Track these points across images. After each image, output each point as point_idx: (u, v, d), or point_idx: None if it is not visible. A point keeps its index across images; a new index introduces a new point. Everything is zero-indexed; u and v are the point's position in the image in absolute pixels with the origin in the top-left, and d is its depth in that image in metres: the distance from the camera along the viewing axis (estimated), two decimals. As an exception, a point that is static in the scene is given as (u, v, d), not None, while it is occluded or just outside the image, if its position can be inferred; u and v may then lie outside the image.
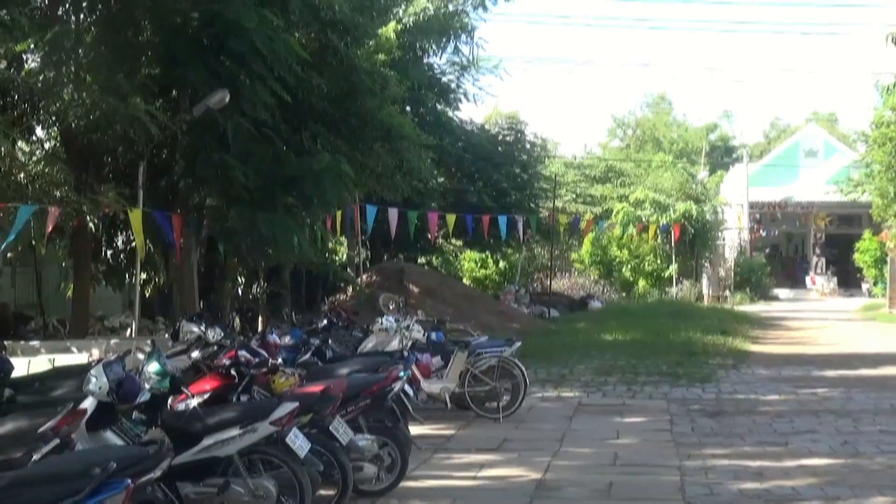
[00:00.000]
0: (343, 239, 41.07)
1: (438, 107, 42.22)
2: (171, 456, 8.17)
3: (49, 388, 12.87)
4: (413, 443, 14.01)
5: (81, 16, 24.17)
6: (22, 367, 14.35)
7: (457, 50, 41.23)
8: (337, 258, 43.09)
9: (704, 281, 55.95)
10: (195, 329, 16.89)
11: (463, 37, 40.63)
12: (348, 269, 39.42)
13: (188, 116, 22.97)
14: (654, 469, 14.66)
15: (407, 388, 14.47)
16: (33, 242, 25.70)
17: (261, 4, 23.25)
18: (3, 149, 18.62)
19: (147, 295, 28.16)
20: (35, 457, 8.43)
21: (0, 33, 20.13)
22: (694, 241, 54.12)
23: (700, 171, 59.96)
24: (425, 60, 41.00)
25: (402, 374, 13.77)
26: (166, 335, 19.62)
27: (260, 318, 29.40)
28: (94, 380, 10.53)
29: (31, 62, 23.64)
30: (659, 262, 55.22)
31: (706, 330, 33.44)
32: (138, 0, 23.47)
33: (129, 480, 7.33)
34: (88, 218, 20.73)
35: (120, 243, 26.29)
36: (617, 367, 25.80)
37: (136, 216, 22.10)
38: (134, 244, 24.25)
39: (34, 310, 30.14)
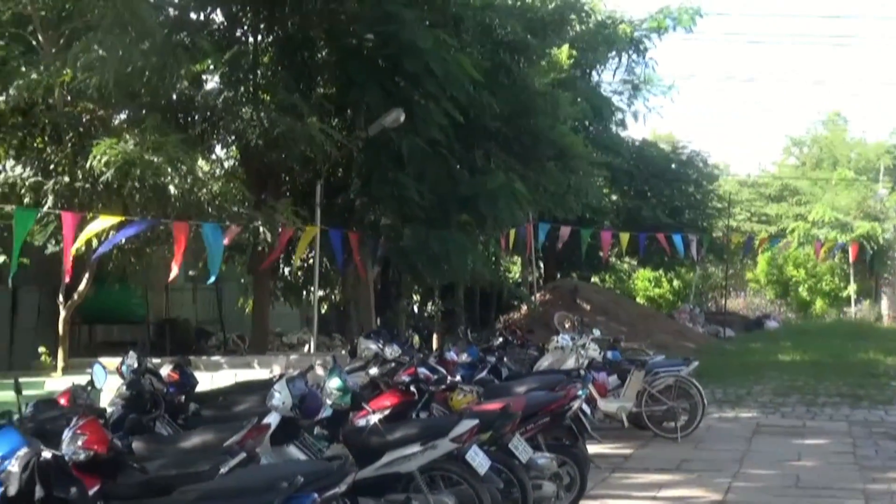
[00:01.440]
0: (516, 257, 41.14)
1: (610, 126, 42.13)
2: (355, 471, 8.22)
3: (232, 402, 13.09)
4: (591, 461, 13.87)
5: (259, 37, 24.69)
6: (205, 381, 14.62)
7: (628, 69, 41.21)
8: (510, 276, 43.16)
9: (884, 301, 54.48)
10: (373, 346, 17.05)
11: (634, 56, 40.57)
12: (521, 287, 39.43)
13: (364, 135, 23.27)
14: (838, 492, 14.25)
15: (584, 406, 14.35)
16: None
17: (434, 26, 23.49)
18: (184, 167, 19.05)
19: (324, 312, 28.51)
20: (222, 470, 8.54)
21: (181, 54, 20.65)
22: (873, 260, 52.78)
23: (880, 189, 58.47)
24: (595, 79, 40.99)
25: (580, 392, 13.65)
26: (343, 352, 19.83)
27: (434, 336, 29.55)
28: (277, 395, 10.67)
29: (210, 82, 24.24)
30: (836, 281, 54.03)
31: (887, 351, 32.52)
32: (314, 21, 23.92)
33: (316, 495, 7.37)
34: (266, 236, 21.09)
35: (298, 261, 26.69)
36: (795, 387, 25.29)
37: (310, 233, 22.47)
38: (311, 261, 24.63)
39: (215, 326, 30.82)
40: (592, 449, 15.43)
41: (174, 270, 19.38)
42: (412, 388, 12.36)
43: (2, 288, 24.35)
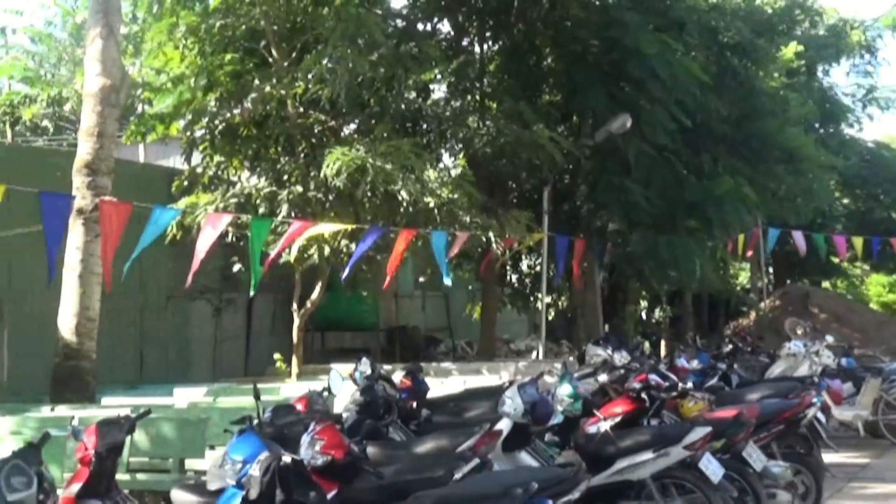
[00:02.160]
0: (745, 263, 40.42)
1: (841, 128, 41.01)
2: (588, 478, 8.19)
3: (463, 408, 13.20)
4: (827, 470, 13.51)
5: (485, 45, 24.90)
6: (436, 388, 14.79)
7: (860, 70, 40.13)
8: (738, 282, 42.42)
9: None
10: (601, 352, 16.97)
11: (867, 56, 39.48)
12: (750, 294, 38.72)
13: (590, 142, 23.22)
14: None
15: (819, 414, 13.99)
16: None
17: (659, 30, 23.30)
18: (413, 174, 19.32)
19: (551, 318, 28.55)
20: (456, 475, 8.62)
21: (409, 64, 20.97)
22: None
23: None
24: (824, 80, 40.02)
25: (815, 399, 13.31)
26: (571, 358, 19.79)
27: (662, 343, 29.24)
28: (509, 401, 10.72)
29: (438, 91, 24.54)
30: None
31: None
32: (539, 29, 24.00)
33: (550, 501, 7.38)
34: (494, 244, 21.25)
35: (525, 267, 26.79)
36: None
37: (539, 240, 22.54)
38: (539, 268, 24.69)
39: (443, 332, 31.16)
40: (827, 458, 15.03)
41: (388, 278, 19.68)
42: (643, 395, 12.25)
43: (238, 296, 25.11)
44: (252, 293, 18.93)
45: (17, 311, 21.07)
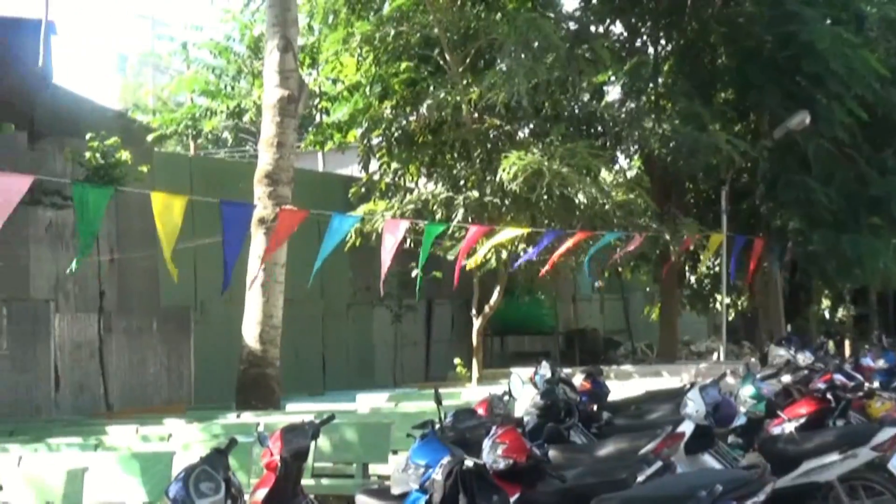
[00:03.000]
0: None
1: None
2: (774, 481, 8.04)
3: (645, 411, 13.10)
4: None
5: (658, 46, 24.68)
6: (616, 391, 14.70)
7: None
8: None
9: None
10: (784, 353, 16.64)
11: None
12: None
13: (768, 140, 22.83)
14: None
15: None
16: (619, 269, 26.44)
17: (835, 23, 22.79)
18: (589, 177, 19.26)
19: (730, 319, 28.13)
20: (639, 478, 8.56)
21: (583, 67, 20.90)
22: None
23: None
24: None
25: None
26: (753, 359, 19.47)
27: (847, 342, 28.55)
28: (691, 403, 10.60)
29: (612, 93, 24.40)
30: None
31: None
32: (713, 27, 23.69)
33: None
34: (671, 248, 21.07)
35: (703, 268, 26.43)
36: None
37: (716, 240, 22.21)
38: (717, 269, 24.35)
39: (623, 335, 30.96)
40: None
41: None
42: (828, 396, 11.98)
43: (418, 302, 25.35)
44: (417, 296, 19.07)
45: (203, 320, 21.64)
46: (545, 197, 18.92)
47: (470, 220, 19.16)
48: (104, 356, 19.70)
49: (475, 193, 19.87)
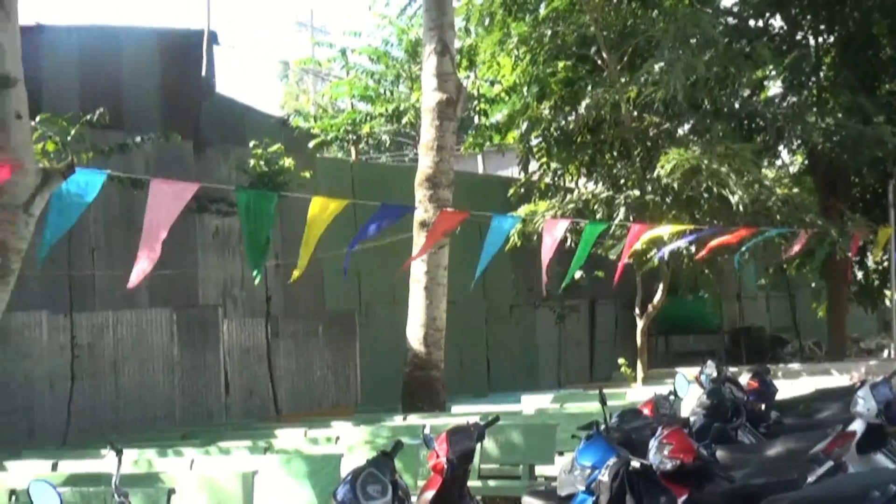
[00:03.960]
0: None
1: None
2: (947, 481, 7.81)
3: (814, 410, 12.84)
4: None
5: (819, 38, 24.18)
6: (784, 389, 14.42)
7: None
8: None
9: None
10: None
11: None
12: None
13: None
14: None
15: None
16: (784, 266, 25.99)
17: None
18: (749, 176, 18.96)
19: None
20: (810, 478, 8.40)
21: (742, 62, 20.59)
22: None
23: None
24: None
25: None
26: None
27: None
28: (861, 401, 10.34)
29: (772, 88, 23.97)
30: None
31: None
32: (876, 18, 23.13)
33: (909, 504, 7.08)
34: (837, 245, 20.60)
35: (871, 263, 25.81)
36: None
37: (885, 235, 21.66)
38: (886, 264, 23.76)
39: (789, 333, 30.40)
40: None
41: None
42: None
43: (581, 303, 25.26)
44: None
45: (368, 324, 21.88)
46: (705, 195, 18.70)
47: (631, 218, 19.02)
48: (272, 360, 20.05)
49: (636, 192, 19.71)
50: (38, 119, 14.54)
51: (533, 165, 22.69)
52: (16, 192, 9.74)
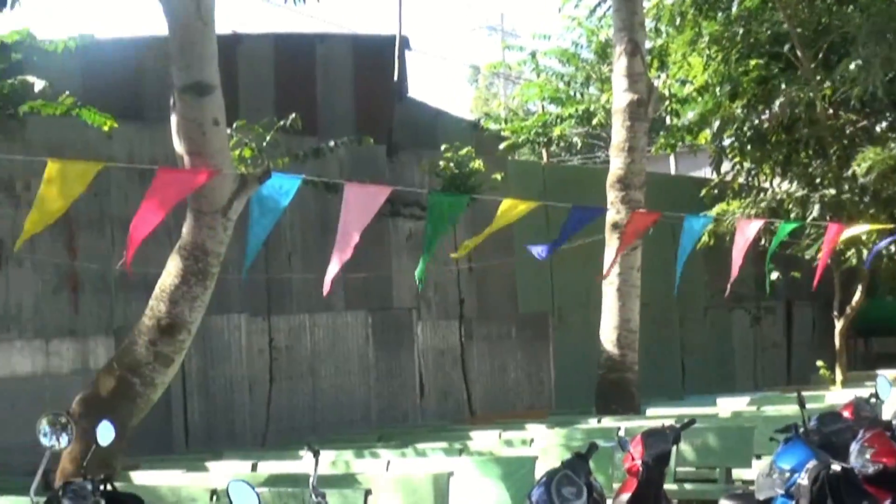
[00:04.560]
0: None
1: None
2: None
3: None
4: None
5: None
6: None
7: None
8: None
9: None
10: None
11: None
12: None
13: None
14: None
15: None
16: None
17: None
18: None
19: None
20: None
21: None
22: None
23: None
24: None
25: None
26: None
27: None
28: None
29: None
30: None
31: None
32: None
33: None
34: None
35: None
36: None
37: None
38: None
39: None
40: None
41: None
42: None
43: (777, 304, 24.78)
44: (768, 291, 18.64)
45: (561, 326, 21.83)
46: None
47: (827, 217, 18.59)
48: (466, 363, 20.16)
49: (831, 191, 19.26)
50: (234, 126, 14.93)
51: (725, 165, 22.37)
52: (214, 197, 10.01)
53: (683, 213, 14.92)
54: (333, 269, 10.45)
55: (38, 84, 13.13)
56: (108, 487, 7.26)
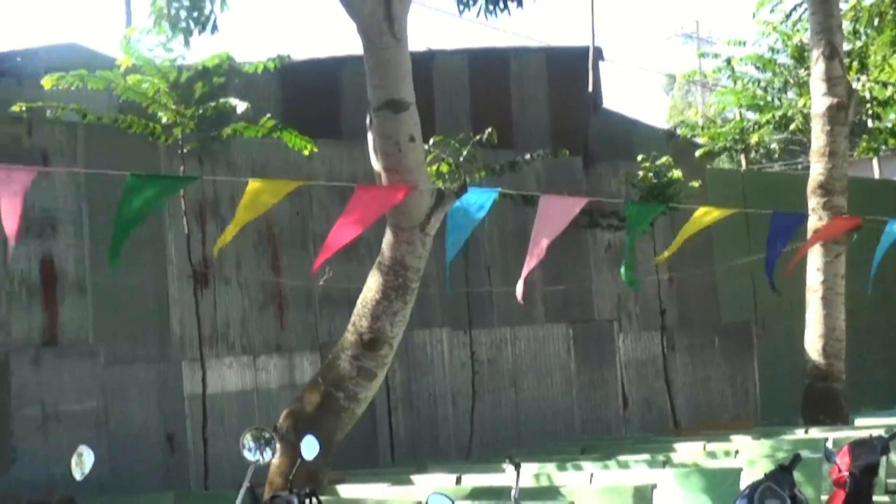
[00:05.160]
0: None
1: None
2: None
3: None
4: None
5: None
6: None
7: None
8: None
9: None
10: None
11: None
12: None
13: None
14: None
15: None
16: None
17: None
18: None
19: None
20: None
21: None
22: None
23: None
24: None
25: None
26: None
27: None
28: None
29: None
30: None
31: None
32: None
33: None
34: None
35: None
36: None
37: None
38: None
39: None
40: None
41: None
42: None
43: None
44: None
45: (765, 336, 21.47)
46: None
47: None
48: (668, 374, 19.98)
49: None
50: (431, 141, 15.11)
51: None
52: (412, 212, 10.14)
53: (887, 218, 14.56)
54: (524, 277, 10.52)
55: (241, 106, 13.52)
56: (314, 501, 7.42)
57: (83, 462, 6.86)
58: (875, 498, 8.25)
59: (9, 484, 13.21)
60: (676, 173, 18.44)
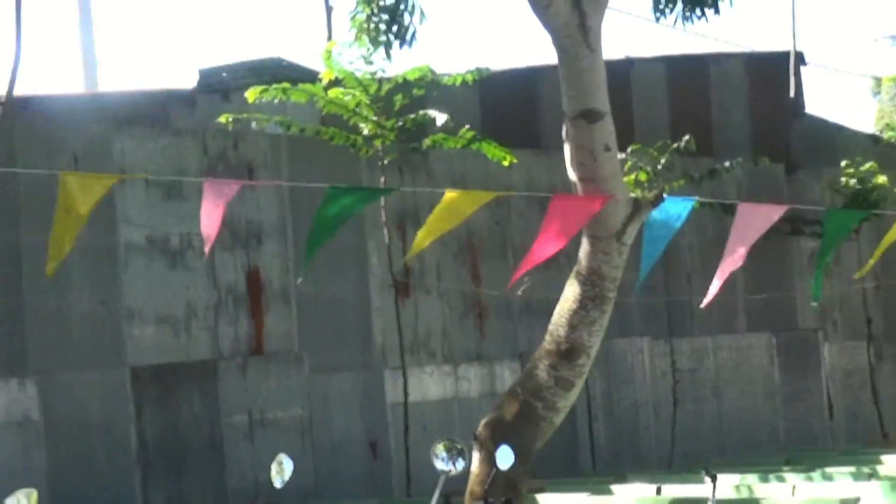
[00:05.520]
0: None
1: None
2: None
3: None
4: None
5: None
6: None
7: None
8: None
9: None
10: None
11: None
12: None
13: None
14: None
15: None
16: None
17: None
18: None
19: None
20: None
21: None
22: None
23: None
24: None
25: None
26: None
27: None
28: None
29: None
30: None
31: None
32: None
33: None
34: None
35: None
36: None
37: None
38: None
39: None
40: None
41: None
42: None
43: None
44: None
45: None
46: None
47: None
48: (875, 384, 19.52)
49: None
50: (629, 150, 15.06)
51: None
52: (608, 221, 10.13)
53: None
54: (716, 285, 10.43)
55: (440, 118, 13.71)
56: (511, 509, 7.47)
57: (283, 470, 7.03)
58: None
59: (217, 491, 13.63)
60: (881, 179, 18.00)
